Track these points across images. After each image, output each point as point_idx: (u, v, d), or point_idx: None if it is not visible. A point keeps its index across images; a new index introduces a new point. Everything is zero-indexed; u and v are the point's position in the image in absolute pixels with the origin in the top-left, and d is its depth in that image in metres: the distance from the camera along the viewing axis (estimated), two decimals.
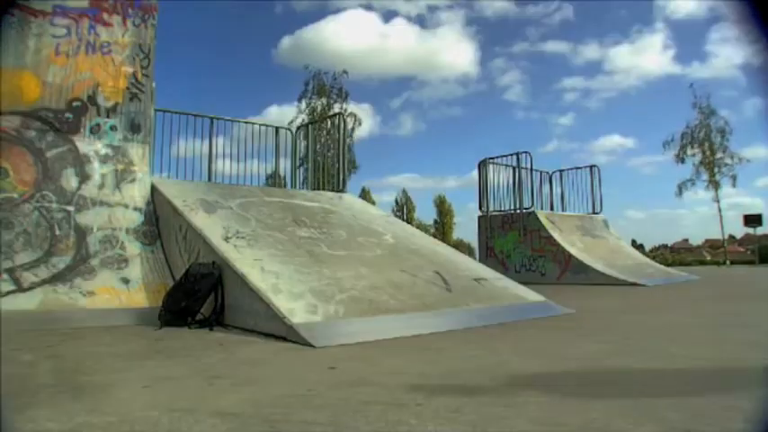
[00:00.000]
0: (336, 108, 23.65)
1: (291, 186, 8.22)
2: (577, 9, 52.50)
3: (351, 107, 25.30)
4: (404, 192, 44.25)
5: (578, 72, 57.39)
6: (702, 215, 57.86)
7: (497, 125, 57.80)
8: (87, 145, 4.88)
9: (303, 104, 24.75)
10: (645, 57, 52.25)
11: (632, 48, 54.48)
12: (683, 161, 27.03)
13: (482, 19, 57.78)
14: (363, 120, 25.42)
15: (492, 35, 61.66)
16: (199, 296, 3.98)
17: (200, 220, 4.72)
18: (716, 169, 26.58)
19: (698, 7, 45.32)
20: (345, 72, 25.49)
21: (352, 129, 24.98)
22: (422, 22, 55.65)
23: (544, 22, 52.83)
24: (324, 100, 24.81)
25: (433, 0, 53.79)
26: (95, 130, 4.95)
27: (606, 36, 56.50)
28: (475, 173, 11.75)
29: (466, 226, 46.28)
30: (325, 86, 24.79)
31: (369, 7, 62.86)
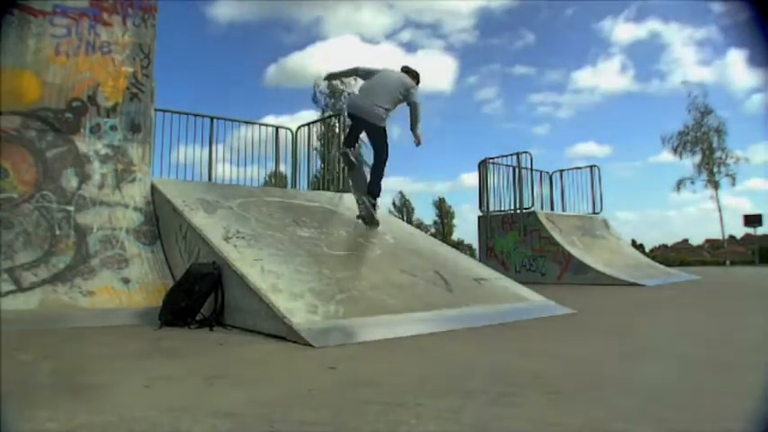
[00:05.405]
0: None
1: (291, 186, 8.22)
2: (538, 38, 56.34)
3: None
4: (401, 194, 44.43)
5: (547, 89, 60.21)
6: (691, 216, 59.05)
7: (478, 136, 59.65)
8: (87, 145, 4.88)
9: (322, 103, 25.51)
10: (605, 78, 55.16)
11: (593, 70, 57.17)
12: (681, 156, 27.19)
13: (453, 50, 61.70)
14: None
15: (463, 62, 66.33)
16: (199, 296, 3.97)
17: (200, 219, 4.72)
18: (715, 168, 26.64)
19: (639, 33, 52.93)
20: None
21: None
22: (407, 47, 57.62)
23: (509, 50, 55.95)
24: (334, 101, 25.48)
25: (410, 36, 55.98)
26: (95, 130, 4.95)
27: (567, 61, 59.79)
28: (464, 176, 11.78)
29: (459, 227, 48.05)
30: (336, 90, 25.43)
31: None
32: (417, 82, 5.67)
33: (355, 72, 5.85)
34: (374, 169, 5.73)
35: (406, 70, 5.73)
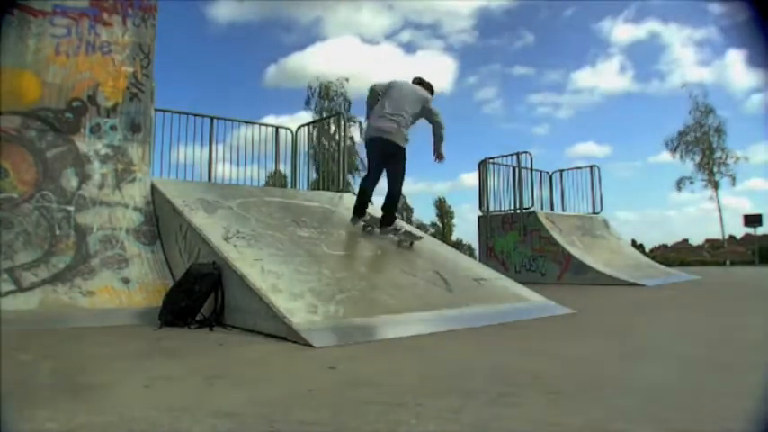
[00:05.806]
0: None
1: (291, 186, 8.22)
2: (537, 38, 58.20)
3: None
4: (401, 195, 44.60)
5: (547, 89, 60.85)
6: (691, 216, 59.51)
7: (478, 136, 60.08)
8: (87, 145, 4.88)
9: (312, 106, 25.95)
10: (605, 78, 55.59)
11: (593, 70, 57.48)
12: (680, 157, 27.32)
13: (453, 50, 63.38)
14: (355, 128, 26.63)
15: (463, 62, 68.17)
16: (199, 296, 3.97)
17: (200, 219, 4.72)
18: (715, 168, 26.70)
19: (639, 33, 53.77)
20: (347, 80, 26.78)
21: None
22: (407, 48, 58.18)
23: (508, 50, 56.66)
24: (327, 102, 25.88)
25: (410, 37, 56.68)
26: (95, 130, 4.95)
27: (566, 61, 60.50)
28: (464, 176, 11.79)
29: (459, 227, 48.39)
30: (330, 90, 25.81)
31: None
32: (431, 93, 5.49)
33: (376, 94, 5.45)
34: (389, 197, 5.44)
35: (419, 82, 5.51)
